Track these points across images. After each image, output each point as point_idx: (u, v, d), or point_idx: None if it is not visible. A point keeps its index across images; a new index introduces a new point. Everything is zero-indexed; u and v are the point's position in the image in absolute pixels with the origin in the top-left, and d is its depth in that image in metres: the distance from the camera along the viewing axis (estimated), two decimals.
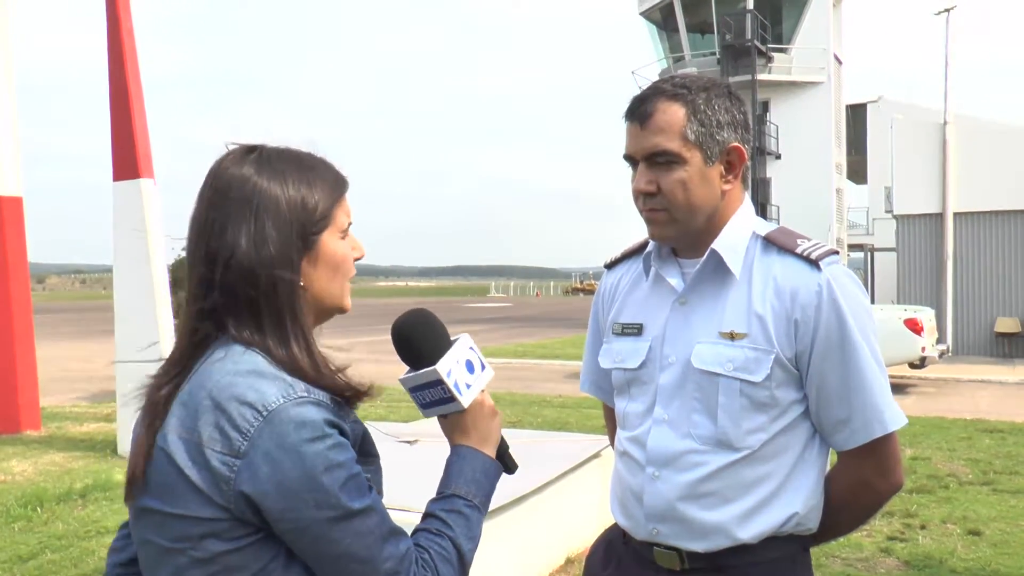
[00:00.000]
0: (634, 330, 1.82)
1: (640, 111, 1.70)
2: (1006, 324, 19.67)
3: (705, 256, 1.73)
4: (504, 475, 1.54)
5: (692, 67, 29.24)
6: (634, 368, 1.80)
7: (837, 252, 1.73)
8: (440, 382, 1.42)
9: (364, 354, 21.84)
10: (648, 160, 1.69)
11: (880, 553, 5.52)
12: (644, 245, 1.89)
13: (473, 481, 1.45)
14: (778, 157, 29.25)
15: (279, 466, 1.22)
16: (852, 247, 34.94)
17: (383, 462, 1.44)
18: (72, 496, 6.78)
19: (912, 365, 14.27)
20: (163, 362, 1.36)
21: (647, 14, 30.67)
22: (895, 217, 21.41)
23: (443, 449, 1.50)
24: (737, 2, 28.51)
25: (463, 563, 1.39)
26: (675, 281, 1.77)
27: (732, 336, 1.68)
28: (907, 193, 20.66)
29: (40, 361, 10.35)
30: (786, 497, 1.70)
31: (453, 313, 45.24)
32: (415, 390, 1.46)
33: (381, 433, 3.89)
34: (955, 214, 20.01)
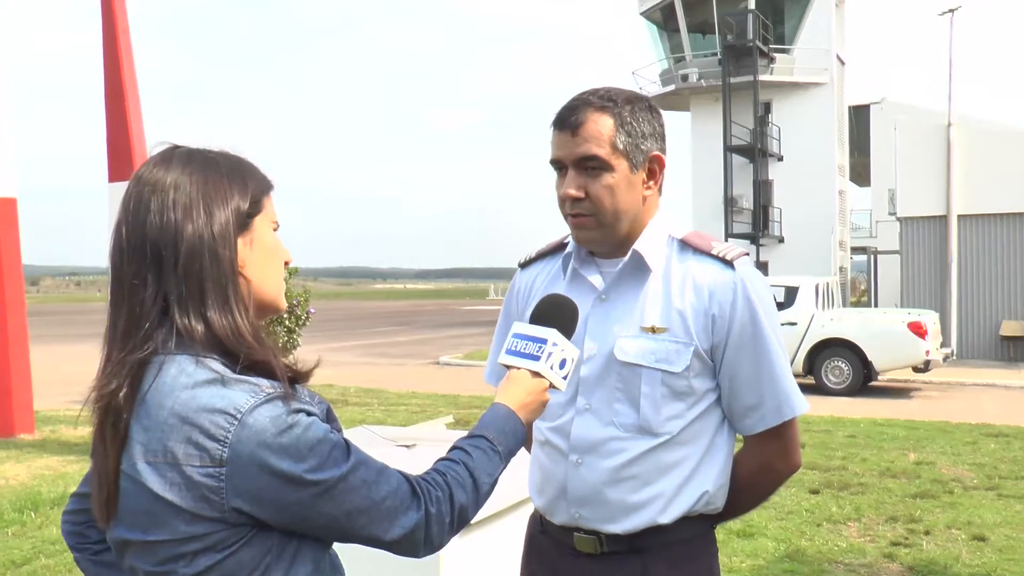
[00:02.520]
0: None
1: (572, 120, 1.80)
2: (1011, 327, 19.66)
3: (628, 256, 1.86)
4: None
5: (693, 67, 29.27)
6: None
7: (748, 253, 1.91)
8: (544, 341, 1.62)
9: (359, 356, 21.84)
10: (578, 166, 1.80)
11: (884, 559, 5.51)
12: (559, 246, 2.03)
13: (501, 432, 1.52)
14: (780, 159, 29.26)
15: (266, 464, 1.23)
16: (855, 250, 34.96)
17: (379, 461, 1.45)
18: (66, 500, 6.78)
19: (916, 369, 14.25)
20: (105, 369, 1.33)
21: (648, 14, 30.68)
22: (898, 219, 21.40)
23: (441, 453, 1.52)
24: (739, 2, 28.53)
25: (478, 491, 1.44)
26: (596, 279, 1.90)
27: (653, 330, 1.82)
28: (911, 195, 20.66)
29: (34, 364, 10.33)
30: (699, 478, 1.85)
31: (451, 316, 45.22)
32: (519, 335, 1.66)
33: (379, 437, 3.88)
34: (959, 216, 20.01)
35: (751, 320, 1.81)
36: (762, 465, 1.92)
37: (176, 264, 1.31)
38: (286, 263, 1.46)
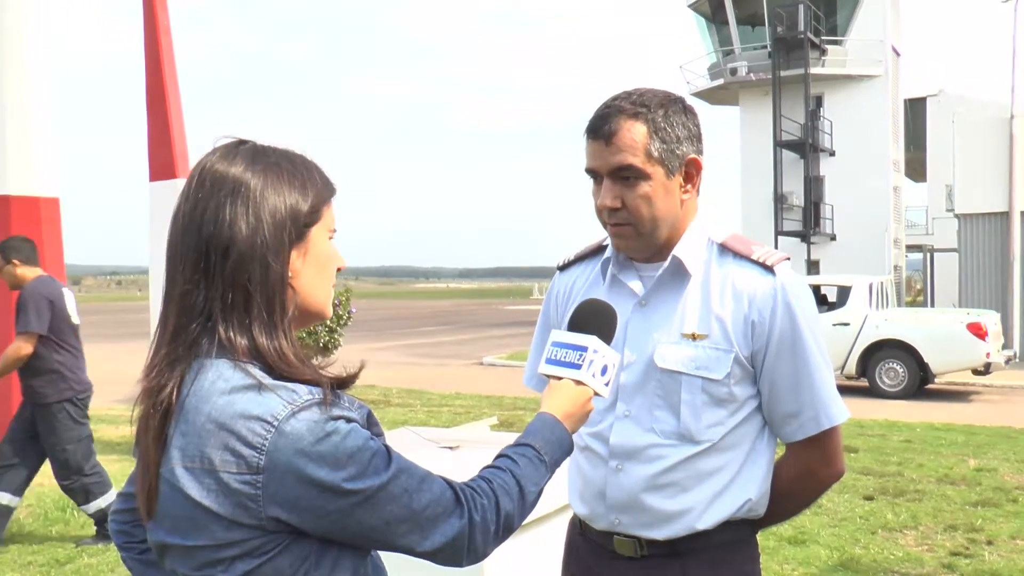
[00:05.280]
0: None
1: (605, 130, 1.81)
2: None
3: (667, 262, 1.87)
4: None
5: (743, 61, 29.02)
6: None
7: (788, 258, 1.91)
8: (584, 349, 1.62)
9: (402, 356, 21.96)
10: (613, 175, 1.82)
11: (943, 569, 5.41)
12: (598, 249, 2.04)
13: (548, 442, 1.51)
14: (832, 154, 28.91)
15: (303, 473, 1.23)
16: (910, 248, 34.42)
17: (424, 467, 1.45)
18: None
19: (976, 372, 13.99)
20: (150, 370, 1.33)
21: (695, 6, 30.48)
22: (957, 216, 21.04)
23: (485, 456, 1.52)
24: None
25: (524, 500, 1.43)
26: (636, 285, 1.91)
27: (694, 337, 1.84)
28: (970, 191, 20.29)
29: None
30: (740, 485, 1.86)
31: (495, 316, 45.31)
32: (559, 344, 1.65)
33: (422, 438, 3.89)
34: (1022, 213, 19.61)
35: (791, 327, 1.82)
36: (803, 471, 1.93)
37: (224, 271, 1.30)
38: (338, 269, 1.45)
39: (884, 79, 28.55)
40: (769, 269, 1.84)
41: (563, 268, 2.13)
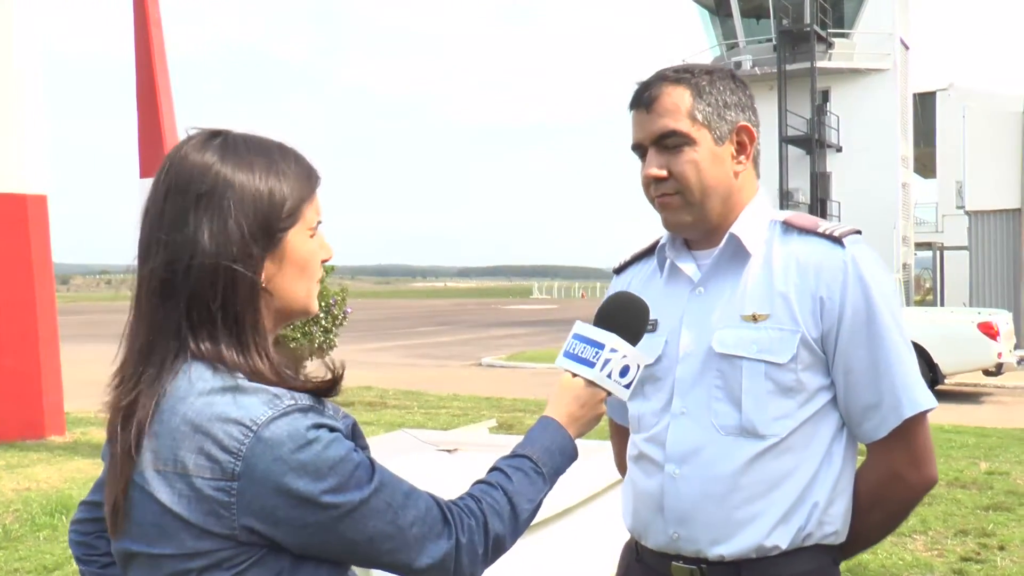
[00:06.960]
0: (649, 327, 1.77)
1: (646, 96, 1.75)
2: None
3: (724, 241, 1.76)
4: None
5: (747, 54, 29.01)
6: (649, 364, 1.76)
7: (859, 231, 1.77)
8: (602, 346, 1.57)
9: (399, 357, 21.95)
10: (657, 144, 1.74)
11: (953, 575, 5.41)
12: (654, 246, 1.94)
13: (547, 451, 1.47)
14: (839, 150, 28.90)
15: (281, 482, 1.19)
16: (919, 245, 34.41)
17: (421, 471, 1.43)
18: None
19: (987, 372, 14.00)
20: (121, 380, 1.30)
21: None
22: (967, 213, 21.05)
23: (483, 459, 1.50)
24: None
25: (516, 519, 1.39)
26: (691, 269, 1.80)
27: (755, 318, 1.70)
28: (981, 187, 20.28)
29: (65, 364, 10.49)
30: (813, 492, 1.69)
31: (494, 315, 45.30)
32: (579, 337, 1.60)
33: (419, 441, 3.89)
34: None
35: (865, 303, 1.67)
36: (888, 475, 1.73)
37: (188, 283, 1.25)
38: (325, 260, 1.40)
39: (892, 73, 28.54)
40: (837, 241, 1.71)
41: (619, 271, 2.03)
